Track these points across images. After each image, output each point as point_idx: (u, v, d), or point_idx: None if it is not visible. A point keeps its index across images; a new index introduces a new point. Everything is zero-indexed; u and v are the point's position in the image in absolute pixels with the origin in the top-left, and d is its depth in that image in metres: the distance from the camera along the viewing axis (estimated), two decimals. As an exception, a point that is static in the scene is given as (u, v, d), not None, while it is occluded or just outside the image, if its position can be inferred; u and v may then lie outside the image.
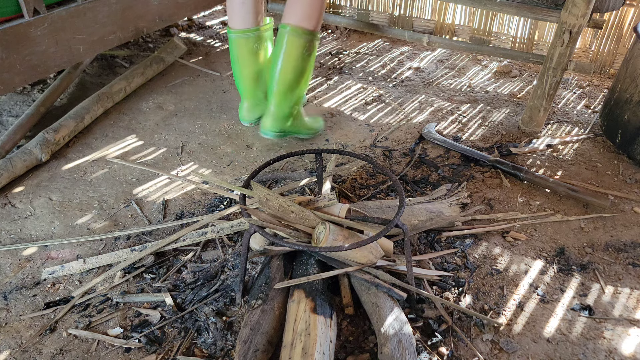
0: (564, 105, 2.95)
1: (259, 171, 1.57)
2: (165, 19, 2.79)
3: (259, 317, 1.35)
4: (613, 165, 2.34)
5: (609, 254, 1.80)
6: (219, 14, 4.18)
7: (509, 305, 1.57)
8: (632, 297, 1.62)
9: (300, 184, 2.04)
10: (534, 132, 2.58)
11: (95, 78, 2.92)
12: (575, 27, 2.22)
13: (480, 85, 3.17)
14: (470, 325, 1.48)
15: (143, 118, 2.60)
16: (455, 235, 1.82)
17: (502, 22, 3.59)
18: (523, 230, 1.89)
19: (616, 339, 1.47)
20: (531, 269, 1.72)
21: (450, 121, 2.71)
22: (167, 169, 2.22)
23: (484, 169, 2.25)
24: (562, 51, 2.30)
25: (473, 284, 1.64)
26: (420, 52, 3.66)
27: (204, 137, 2.46)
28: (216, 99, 2.82)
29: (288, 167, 2.25)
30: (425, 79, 3.23)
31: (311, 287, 1.41)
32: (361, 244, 1.27)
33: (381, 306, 1.38)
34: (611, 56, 3.34)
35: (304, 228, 1.43)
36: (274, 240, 1.33)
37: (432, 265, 1.68)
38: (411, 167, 2.26)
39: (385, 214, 1.73)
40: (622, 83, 2.32)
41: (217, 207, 1.96)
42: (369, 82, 3.14)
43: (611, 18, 3.20)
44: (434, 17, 3.76)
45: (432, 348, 1.40)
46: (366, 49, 3.68)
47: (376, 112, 2.78)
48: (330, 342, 1.29)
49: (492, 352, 1.41)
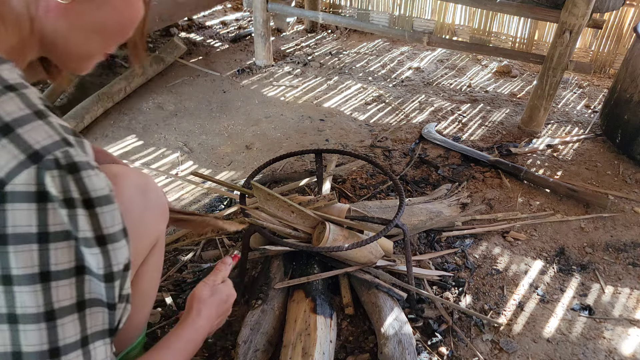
0: (564, 105, 2.95)
1: (259, 171, 1.57)
2: (165, 18, 2.79)
3: (259, 317, 1.35)
4: (613, 165, 2.34)
5: (609, 254, 1.80)
6: (219, 14, 4.18)
7: (509, 305, 1.57)
8: (632, 297, 1.62)
9: (300, 184, 2.04)
10: (534, 132, 2.58)
11: (95, 78, 2.92)
12: (575, 27, 2.22)
13: (480, 85, 3.17)
14: (470, 325, 1.48)
15: (143, 118, 2.60)
16: (455, 235, 1.82)
17: (502, 22, 3.59)
18: (523, 230, 1.89)
19: (616, 339, 1.47)
20: (531, 269, 1.72)
21: (450, 121, 2.71)
22: (167, 169, 2.22)
23: (484, 169, 2.25)
24: (562, 51, 2.30)
25: (473, 284, 1.64)
26: (420, 52, 3.66)
27: (204, 137, 2.46)
28: (216, 99, 2.82)
29: (288, 167, 2.25)
30: (425, 79, 3.23)
31: (311, 287, 1.41)
32: (361, 244, 1.27)
33: (381, 306, 1.38)
34: (611, 56, 3.34)
35: (304, 228, 1.43)
36: (274, 240, 1.33)
37: (432, 265, 1.68)
38: (411, 167, 2.26)
39: (385, 214, 1.73)
40: (622, 83, 2.32)
41: (217, 207, 1.96)
42: (369, 82, 3.14)
43: (611, 18, 3.20)
44: (434, 17, 3.76)
45: (432, 348, 1.40)
46: (366, 49, 3.68)
47: (376, 112, 2.77)
48: (330, 342, 1.29)
49: (492, 352, 1.41)
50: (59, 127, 0.54)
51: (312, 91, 2.98)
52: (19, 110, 0.52)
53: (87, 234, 0.54)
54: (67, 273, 0.54)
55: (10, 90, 0.53)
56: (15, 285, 0.51)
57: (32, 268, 0.51)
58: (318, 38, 3.86)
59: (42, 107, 0.54)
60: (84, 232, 0.54)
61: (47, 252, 0.52)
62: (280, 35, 3.86)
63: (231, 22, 4.05)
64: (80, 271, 0.56)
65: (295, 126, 2.59)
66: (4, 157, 0.49)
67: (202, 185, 2.07)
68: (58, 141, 0.52)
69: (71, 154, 0.53)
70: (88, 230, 0.55)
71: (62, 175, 0.52)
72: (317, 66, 3.32)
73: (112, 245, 0.58)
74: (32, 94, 0.55)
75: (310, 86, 3.05)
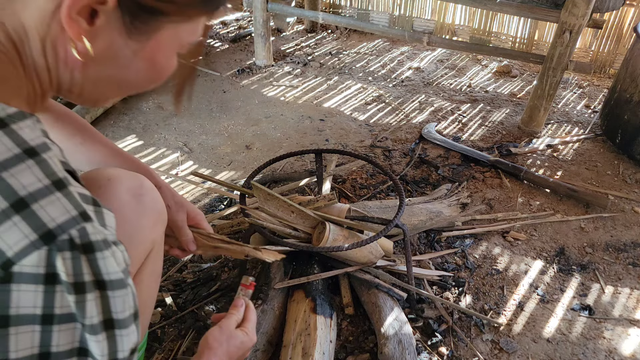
0: (564, 105, 2.95)
1: (258, 171, 1.57)
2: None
3: (259, 317, 1.35)
4: (613, 165, 2.34)
5: (609, 254, 1.80)
6: (219, 13, 4.18)
7: (509, 305, 1.57)
8: (632, 297, 1.62)
9: (300, 184, 2.04)
10: (534, 132, 2.58)
11: (95, 78, 2.92)
12: (575, 27, 2.22)
13: (480, 85, 3.17)
14: (470, 325, 1.48)
15: (143, 118, 2.60)
16: (455, 235, 1.82)
17: (502, 22, 3.59)
18: (523, 230, 1.89)
19: (616, 339, 1.47)
20: (531, 269, 1.72)
21: (450, 121, 2.71)
22: (167, 169, 2.22)
23: (484, 169, 2.24)
24: (562, 51, 2.30)
25: (473, 284, 1.64)
26: (420, 52, 3.66)
27: (203, 137, 2.46)
28: (216, 99, 2.82)
29: (288, 167, 2.25)
30: (425, 79, 3.23)
31: (311, 287, 1.41)
32: (361, 244, 1.27)
33: (381, 306, 1.38)
34: (611, 56, 3.34)
35: (304, 228, 1.43)
36: (274, 240, 1.33)
37: (432, 265, 1.68)
38: (411, 167, 2.26)
39: (385, 214, 1.73)
40: (622, 83, 2.32)
41: (217, 207, 1.96)
42: (369, 82, 3.14)
43: (611, 18, 3.20)
44: (434, 17, 3.76)
45: (432, 348, 1.40)
46: (366, 49, 3.68)
47: (376, 112, 2.77)
48: (330, 342, 1.29)
49: (492, 352, 1.41)
50: (77, 199, 0.50)
51: (312, 91, 2.98)
52: (36, 182, 0.48)
53: (94, 320, 0.51)
54: (68, 354, 0.51)
55: (30, 155, 0.49)
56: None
57: (32, 349, 0.48)
58: (318, 38, 3.86)
59: (62, 176, 0.50)
60: (90, 318, 0.51)
61: (49, 333, 0.49)
62: (280, 35, 3.86)
63: (231, 22, 4.05)
64: (82, 352, 0.52)
65: (295, 126, 2.59)
66: (15, 236, 0.46)
67: (202, 185, 2.07)
68: (75, 217, 0.49)
69: (87, 231, 0.49)
70: (95, 316, 0.52)
71: (75, 257, 0.49)
72: (317, 66, 3.32)
73: (120, 331, 0.55)
74: (53, 157, 0.51)
75: (310, 86, 3.05)
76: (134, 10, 0.53)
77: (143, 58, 0.59)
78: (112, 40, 0.55)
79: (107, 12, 0.52)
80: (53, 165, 0.50)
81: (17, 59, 0.53)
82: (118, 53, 0.57)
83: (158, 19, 0.55)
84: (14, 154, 0.47)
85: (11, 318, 0.47)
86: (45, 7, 0.51)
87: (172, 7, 0.55)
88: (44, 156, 0.50)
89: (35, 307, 0.47)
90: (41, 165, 0.49)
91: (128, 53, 0.57)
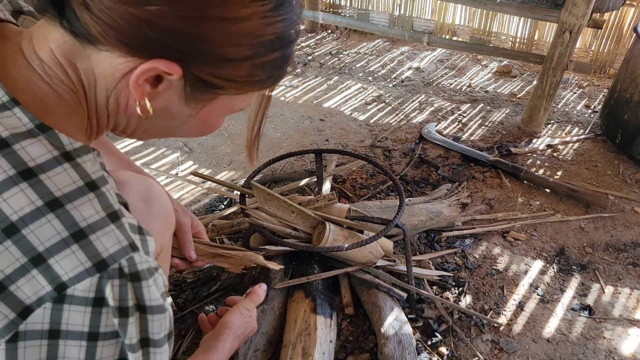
0: (564, 105, 2.95)
1: (259, 171, 1.57)
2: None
3: (259, 317, 1.35)
4: (613, 165, 2.34)
5: (609, 254, 1.80)
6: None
7: (509, 305, 1.57)
8: (632, 297, 1.62)
9: (300, 184, 2.04)
10: (534, 132, 2.58)
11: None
12: (575, 27, 2.22)
13: (480, 85, 3.17)
14: (470, 325, 1.48)
15: (143, 118, 2.60)
16: (455, 235, 1.82)
17: (502, 22, 3.59)
18: (523, 230, 1.89)
19: (616, 339, 1.47)
20: (531, 269, 1.72)
21: (450, 121, 2.71)
22: (167, 169, 2.22)
23: (484, 169, 2.25)
24: (562, 51, 2.30)
25: (473, 284, 1.64)
26: (420, 52, 3.67)
27: (204, 137, 2.46)
28: (216, 99, 2.82)
29: (288, 167, 2.25)
30: (425, 79, 3.23)
31: (311, 287, 1.41)
32: (361, 244, 1.27)
33: (381, 306, 1.38)
34: (611, 56, 3.35)
35: (304, 228, 1.43)
36: (274, 240, 1.33)
37: (432, 265, 1.68)
38: (411, 167, 2.26)
39: (385, 214, 1.73)
40: (622, 83, 2.32)
41: (217, 207, 1.96)
42: (369, 82, 3.14)
43: (611, 18, 3.20)
44: (434, 17, 3.77)
45: (432, 348, 1.40)
46: (366, 49, 3.69)
47: (376, 112, 2.78)
48: (330, 342, 1.29)
49: (492, 352, 1.41)
50: (128, 230, 0.55)
51: (312, 91, 2.98)
52: (95, 215, 0.53)
53: (133, 340, 0.57)
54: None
55: (92, 189, 0.54)
56: None
57: (79, 359, 0.55)
58: (318, 38, 3.86)
59: (117, 208, 0.55)
60: (130, 339, 0.57)
61: (94, 348, 0.55)
62: (280, 35, 3.86)
63: (231, 22, 4.05)
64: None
65: (295, 126, 2.59)
66: (72, 263, 0.51)
67: (202, 185, 2.07)
68: (125, 247, 0.54)
69: (135, 261, 0.55)
70: (134, 337, 0.57)
71: (122, 284, 0.54)
72: (317, 66, 3.32)
73: (155, 349, 0.60)
74: (110, 190, 0.56)
75: (310, 86, 3.05)
76: (195, 83, 0.57)
77: (196, 119, 0.64)
78: (170, 103, 0.60)
79: (171, 81, 0.56)
80: (110, 198, 0.55)
81: (83, 99, 0.58)
82: (174, 114, 0.62)
83: (216, 92, 0.60)
84: (78, 187, 0.53)
85: (61, 332, 0.53)
86: (118, 67, 0.55)
87: (232, 84, 0.58)
88: (103, 189, 0.55)
89: (83, 325, 0.54)
90: (100, 198, 0.54)
91: (183, 115, 0.62)
